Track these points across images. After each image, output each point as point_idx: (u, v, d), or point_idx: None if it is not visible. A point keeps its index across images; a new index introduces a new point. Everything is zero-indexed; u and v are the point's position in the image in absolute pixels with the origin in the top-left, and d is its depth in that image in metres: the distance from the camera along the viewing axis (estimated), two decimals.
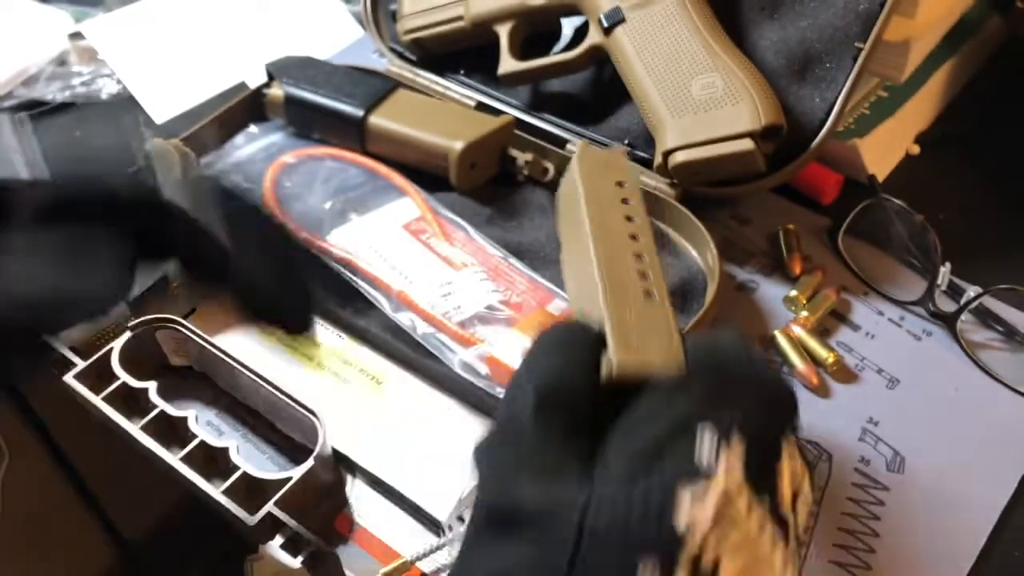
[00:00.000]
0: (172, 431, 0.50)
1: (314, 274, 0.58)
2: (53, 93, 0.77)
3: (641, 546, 0.27)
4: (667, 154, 0.57)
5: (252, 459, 0.51)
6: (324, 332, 0.57)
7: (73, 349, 0.53)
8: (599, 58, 0.62)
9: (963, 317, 0.56)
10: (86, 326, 0.45)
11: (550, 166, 0.64)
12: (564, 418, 0.31)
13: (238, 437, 0.52)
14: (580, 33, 0.64)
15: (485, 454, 0.32)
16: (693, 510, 0.27)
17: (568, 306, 0.52)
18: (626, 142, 0.63)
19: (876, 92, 0.67)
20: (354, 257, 0.57)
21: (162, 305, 0.55)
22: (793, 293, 0.58)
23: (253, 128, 0.68)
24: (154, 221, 0.39)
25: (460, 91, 0.69)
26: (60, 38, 0.81)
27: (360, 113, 0.64)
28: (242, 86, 0.76)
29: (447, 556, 0.47)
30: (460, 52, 0.70)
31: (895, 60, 0.64)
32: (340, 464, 0.51)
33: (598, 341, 0.34)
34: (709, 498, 0.27)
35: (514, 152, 0.63)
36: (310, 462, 0.47)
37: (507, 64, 0.65)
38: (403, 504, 0.49)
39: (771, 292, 0.60)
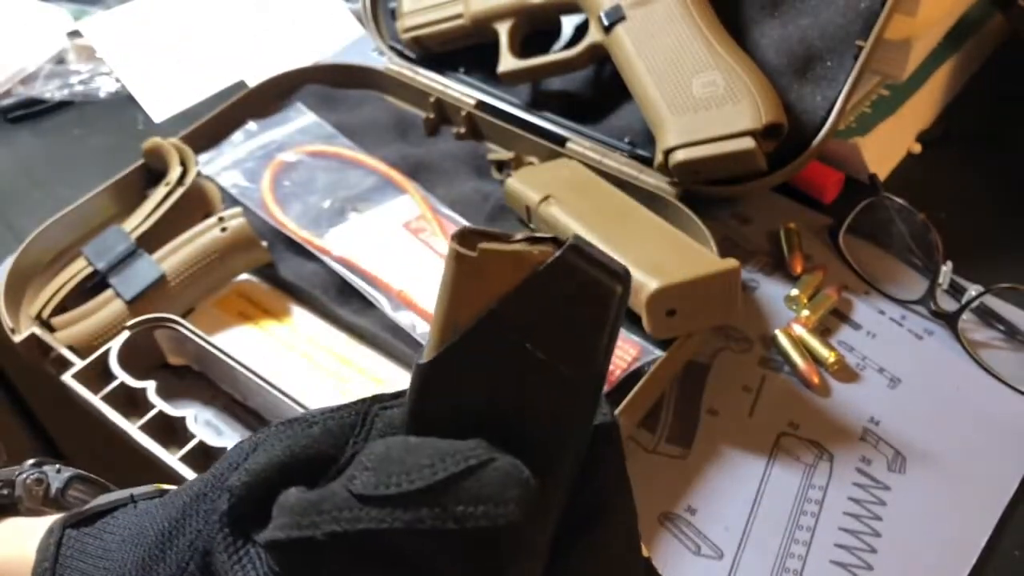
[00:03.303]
0: (170, 431, 0.50)
1: (314, 273, 0.58)
2: (51, 92, 0.77)
3: None
4: (667, 152, 0.57)
5: None
6: (324, 331, 0.57)
7: (71, 348, 0.53)
8: (599, 56, 0.62)
9: (964, 316, 0.56)
10: None
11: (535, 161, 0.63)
12: None
13: (236, 437, 0.52)
14: (580, 31, 0.64)
15: None
16: None
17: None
18: (626, 140, 0.63)
19: (877, 90, 0.66)
20: (353, 256, 0.57)
21: (160, 304, 0.55)
22: (794, 292, 0.58)
23: (251, 125, 0.67)
24: None
25: (460, 89, 0.69)
26: (59, 36, 0.81)
27: None
28: (241, 84, 0.75)
29: None
30: (460, 50, 0.70)
31: (896, 58, 0.64)
32: None
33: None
34: None
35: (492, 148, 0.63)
36: None
37: (507, 62, 0.64)
38: None
39: (772, 291, 0.59)
